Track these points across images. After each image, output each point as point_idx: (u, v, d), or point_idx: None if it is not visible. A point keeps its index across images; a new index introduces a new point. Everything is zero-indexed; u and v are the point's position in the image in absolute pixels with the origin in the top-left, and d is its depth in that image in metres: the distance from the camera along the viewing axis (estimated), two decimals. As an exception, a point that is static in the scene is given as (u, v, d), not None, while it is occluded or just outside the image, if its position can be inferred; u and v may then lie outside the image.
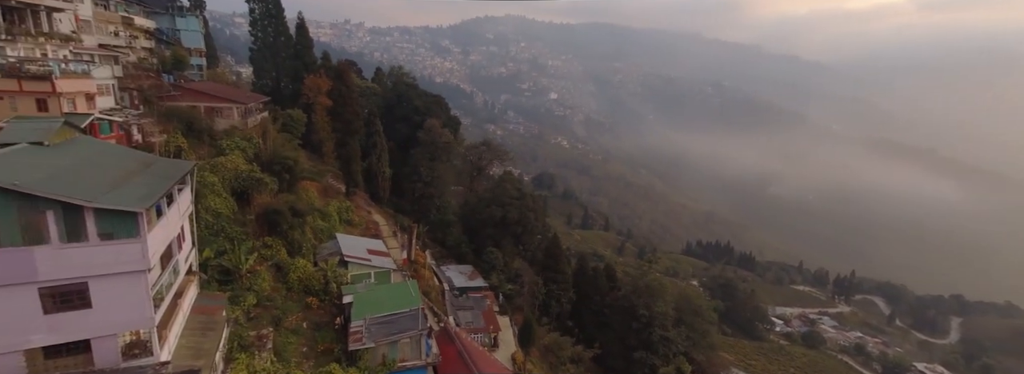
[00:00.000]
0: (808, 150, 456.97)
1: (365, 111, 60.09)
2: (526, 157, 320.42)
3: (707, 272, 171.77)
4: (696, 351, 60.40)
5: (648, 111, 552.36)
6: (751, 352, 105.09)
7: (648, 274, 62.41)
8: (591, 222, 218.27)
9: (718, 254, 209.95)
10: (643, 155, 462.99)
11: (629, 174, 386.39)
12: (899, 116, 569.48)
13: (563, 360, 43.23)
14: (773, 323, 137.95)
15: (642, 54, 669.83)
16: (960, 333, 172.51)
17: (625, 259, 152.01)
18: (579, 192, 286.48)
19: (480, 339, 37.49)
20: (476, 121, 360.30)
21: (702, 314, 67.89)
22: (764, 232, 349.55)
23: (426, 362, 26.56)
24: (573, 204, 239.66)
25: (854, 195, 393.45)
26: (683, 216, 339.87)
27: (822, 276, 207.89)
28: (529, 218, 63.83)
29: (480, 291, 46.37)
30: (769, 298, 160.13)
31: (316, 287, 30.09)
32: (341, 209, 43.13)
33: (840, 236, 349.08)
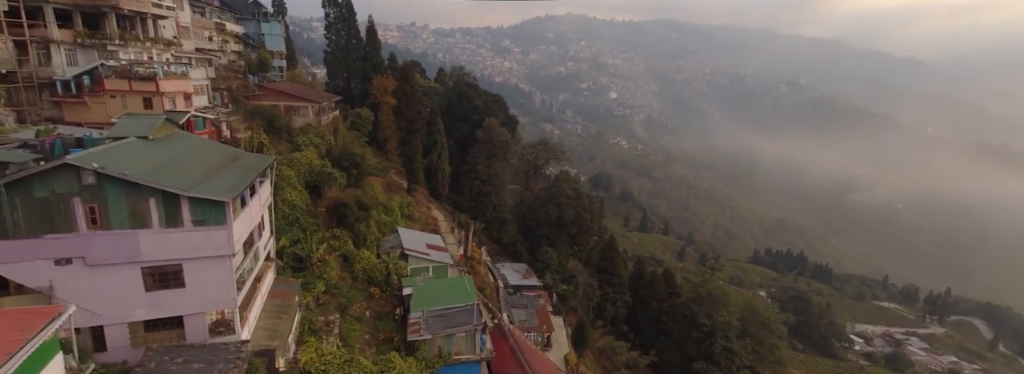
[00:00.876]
0: (897, 155, 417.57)
1: (427, 110, 61.93)
2: (583, 157, 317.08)
3: (777, 283, 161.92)
4: (762, 365, 56.87)
5: (714, 111, 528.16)
6: (825, 370, 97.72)
7: (711, 281, 59.59)
8: (650, 225, 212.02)
9: (790, 264, 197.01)
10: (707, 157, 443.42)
11: (692, 176, 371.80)
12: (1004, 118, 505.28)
13: (617, 365, 42.28)
14: (852, 341, 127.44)
15: (710, 51, 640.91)
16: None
17: (685, 265, 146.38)
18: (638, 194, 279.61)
19: (533, 338, 37.48)
20: (534, 120, 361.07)
21: (770, 327, 63.83)
22: (843, 242, 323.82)
23: (480, 357, 26.92)
24: (631, 206, 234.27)
25: (950, 205, 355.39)
26: (750, 222, 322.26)
27: (911, 293, 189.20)
28: (585, 218, 63.05)
29: (534, 290, 46.37)
30: (848, 314, 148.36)
31: (379, 278, 31.39)
32: (403, 204, 44.74)
33: (933, 250, 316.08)
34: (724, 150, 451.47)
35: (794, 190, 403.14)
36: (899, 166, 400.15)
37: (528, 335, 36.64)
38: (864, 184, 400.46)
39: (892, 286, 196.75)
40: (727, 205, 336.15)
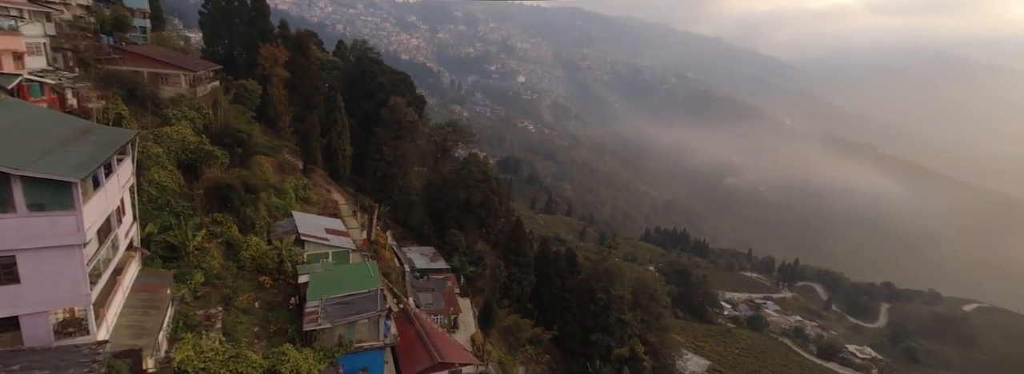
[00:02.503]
0: (764, 144, 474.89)
1: (326, 85, 57.72)
2: (492, 140, 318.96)
3: (664, 258, 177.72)
4: (650, 333, 62.63)
5: (615, 99, 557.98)
6: (701, 334, 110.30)
7: (608, 259, 63.87)
8: (555, 207, 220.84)
9: (675, 241, 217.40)
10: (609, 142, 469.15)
11: (594, 161, 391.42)
12: (848, 113, 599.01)
13: (522, 341, 43.93)
14: (722, 307, 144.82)
15: (612, 41, 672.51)
16: (888, 318, 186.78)
17: (586, 244, 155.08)
18: (544, 177, 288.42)
19: (440, 320, 37.47)
20: (442, 101, 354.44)
21: (657, 298, 70.31)
22: (719, 221, 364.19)
23: (384, 343, 26.28)
24: (538, 189, 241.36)
25: (803, 188, 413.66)
26: (644, 203, 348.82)
27: (769, 263, 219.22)
28: (493, 201, 63.73)
29: (441, 273, 46.20)
30: (720, 284, 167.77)
31: (269, 266, 29.05)
32: (298, 186, 41.61)
33: (788, 226, 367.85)
34: (624, 136, 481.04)
35: (682, 174, 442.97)
36: (765, 153, 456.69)
37: (435, 318, 36.52)
38: (738, 169, 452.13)
39: (755, 258, 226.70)
40: (625, 187, 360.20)
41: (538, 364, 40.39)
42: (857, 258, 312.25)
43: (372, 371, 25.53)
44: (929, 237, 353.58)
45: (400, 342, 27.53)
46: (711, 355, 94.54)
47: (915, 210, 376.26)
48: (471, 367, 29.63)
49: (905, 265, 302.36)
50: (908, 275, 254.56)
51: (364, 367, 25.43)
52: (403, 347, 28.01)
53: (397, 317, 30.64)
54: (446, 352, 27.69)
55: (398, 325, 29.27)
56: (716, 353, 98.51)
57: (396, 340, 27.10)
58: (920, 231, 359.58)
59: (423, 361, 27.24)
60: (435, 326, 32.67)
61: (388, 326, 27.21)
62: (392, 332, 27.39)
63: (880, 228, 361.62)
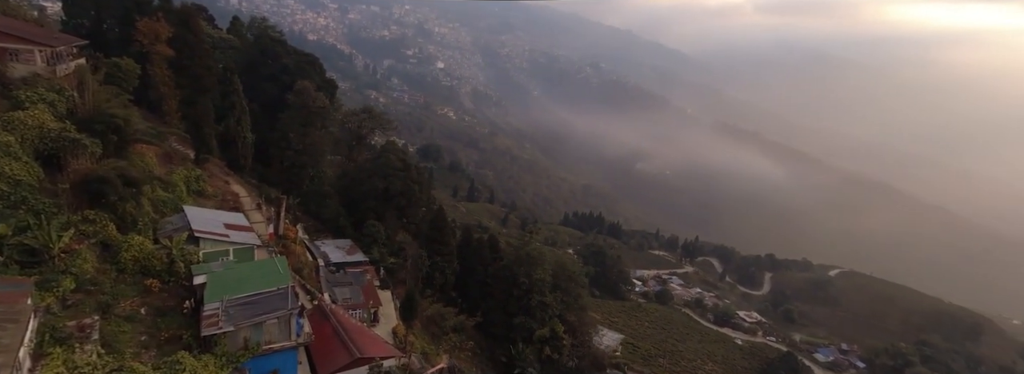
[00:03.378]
0: (668, 131, 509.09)
1: (220, 66, 52.28)
2: (411, 127, 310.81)
3: (582, 241, 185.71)
4: (569, 313, 65.42)
5: (534, 86, 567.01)
6: (615, 311, 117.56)
7: (529, 244, 65.32)
8: (477, 194, 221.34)
9: (591, 224, 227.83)
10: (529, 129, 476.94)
11: (515, 148, 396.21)
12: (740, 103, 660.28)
13: (446, 330, 43.84)
14: (634, 284, 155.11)
15: (528, 29, 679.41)
16: (771, 285, 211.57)
17: (509, 230, 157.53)
18: (466, 164, 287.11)
19: (359, 315, 36.18)
20: (356, 86, 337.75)
21: (575, 279, 73.38)
22: (631, 203, 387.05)
23: (297, 342, 24.81)
24: (460, 176, 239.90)
25: (702, 171, 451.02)
26: (563, 189, 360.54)
27: (674, 242, 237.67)
28: (414, 190, 62.31)
29: (360, 266, 44.48)
30: (632, 262, 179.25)
31: (157, 267, 26.01)
32: (189, 178, 37.54)
33: (690, 207, 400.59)
34: (543, 123, 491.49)
35: (597, 160, 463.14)
36: (670, 140, 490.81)
37: (353, 313, 35.17)
38: (646, 155, 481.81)
39: (662, 237, 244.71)
40: (545, 174, 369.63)
41: (462, 351, 40.64)
42: (746, 233, 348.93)
43: (284, 373, 24.06)
44: (803, 213, 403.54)
45: (315, 340, 26.17)
46: (624, 329, 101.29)
47: (792, 189, 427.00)
48: (393, 360, 29.01)
49: (784, 238, 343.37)
50: (786, 247, 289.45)
51: (274, 369, 23.88)
52: (319, 345, 26.68)
53: (311, 314, 29.06)
54: (365, 346, 26.83)
55: (313, 322, 27.78)
56: (628, 327, 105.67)
57: (310, 339, 25.71)
58: (796, 208, 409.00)
59: (341, 358, 26.18)
60: (353, 321, 31.46)
61: (301, 324, 25.71)
62: (306, 331, 25.93)
63: (764, 206, 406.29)
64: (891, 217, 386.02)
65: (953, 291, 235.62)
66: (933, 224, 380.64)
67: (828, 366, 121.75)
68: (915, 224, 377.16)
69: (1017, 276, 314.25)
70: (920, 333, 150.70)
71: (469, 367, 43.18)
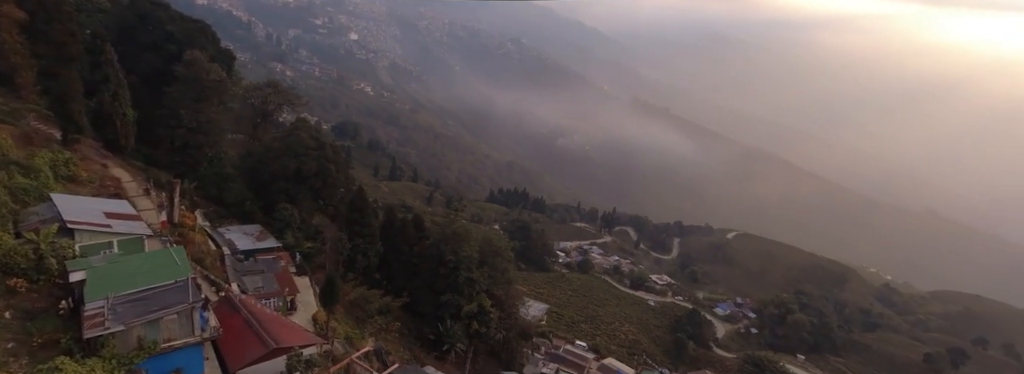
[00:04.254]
0: (588, 108, 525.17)
1: (87, 32, 45.06)
2: (325, 103, 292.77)
3: (507, 216, 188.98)
4: (496, 287, 66.76)
5: (456, 61, 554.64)
6: (540, 282, 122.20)
7: (455, 222, 65.08)
8: (400, 173, 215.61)
9: (516, 200, 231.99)
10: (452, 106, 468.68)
11: (438, 125, 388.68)
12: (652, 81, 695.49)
13: (371, 313, 42.88)
14: (557, 256, 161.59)
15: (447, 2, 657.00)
16: (678, 250, 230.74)
17: (434, 209, 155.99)
18: (387, 142, 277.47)
19: (274, 304, 34.20)
20: (258, 58, 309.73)
21: (502, 254, 74.67)
22: (554, 179, 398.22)
23: (202, 338, 22.96)
24: (380, 155, 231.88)
25: (619, 146, 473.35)
26: (487, 166, 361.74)
27: (593, 213, 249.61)
28: (330, 170, 59.09)
29: (272, 252, 41.78)
30: (555, 235, 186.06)
31: (22, 265, 22.57)
32: (56, 162, 32.50)
33: (608, 180, 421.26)
34: (466, 100, 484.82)
35: (520, 136, 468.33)
36: (589, 117, 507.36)
37: (267, 302, 33.15)
38: (567, 131, 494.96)
39: (583, 210, 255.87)
40: (469, 151, 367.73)
41: (388, 332, 40.11)
42: (658, 203, 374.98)
43: (188, 372, 22.27)
44: (706, 182, 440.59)
45: (224, 334, 24.37)
46: (549, 299, 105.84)
47: (697, 162, 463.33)
48: (314, 347, 27.91)
49: (691, 206, 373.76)
50: (692, 214, 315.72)
51: (177, 368, 22.00)
52: (229, 338, 24.90)
53: (217, 307, 26.97)
54: (282, 336, 25.48)
55: (220, 315, 25.81)
56: (553, 297, 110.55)
57: (218, 333, 23.90)
58: (701, 178, 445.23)
59: (255, 350, 24.68)
60: (267, 310, 29.65)
61: (205, 318, 23.79)
62: (212, 324, 24.05)
63: (673, 177, 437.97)
64: (777, 184, 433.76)
65: (824, 246, 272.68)
66: (810, 189, 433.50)
67: (726, 318, 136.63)
68: (795, 190, 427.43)
69: (873, 232, 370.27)
70: (799, 284, 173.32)
71: (397, 348, 42.86)
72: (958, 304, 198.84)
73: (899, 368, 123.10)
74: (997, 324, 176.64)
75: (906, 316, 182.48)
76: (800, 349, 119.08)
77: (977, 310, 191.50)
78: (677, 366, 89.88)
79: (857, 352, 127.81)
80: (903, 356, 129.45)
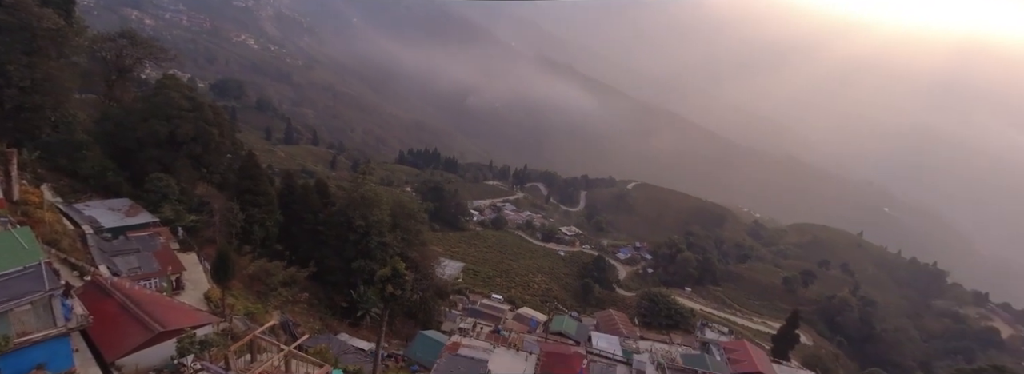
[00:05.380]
0: (496, 65, 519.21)
1: None
2: (198, 58, 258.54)
3: (418, 177, 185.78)
4: (411, 250, 66.27)
5: (352, 13, 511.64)
6: (456, 241, 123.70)
7: (363, 186, 62.40)
8: (297, 136, 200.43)
9: (427, 160, 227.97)
10: (352, 63, 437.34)
11: (338, 83, 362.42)
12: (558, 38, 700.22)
13: (274, 285, 40.57)
14: (471, 215, 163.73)
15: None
16: (585, 202, 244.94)
17: (339, 173, 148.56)
18: (279, 102, 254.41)
19: (156, 284, 30.98)
20: (107, 3, 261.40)
21: (415, 216, 73.80)
22: (465, 138, 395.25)
23: (67, 328, 20.27)
24: (273, 116, 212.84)
25: (528, 103, 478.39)
26: (395, 126, 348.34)
27: (505, 171, 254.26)
28: (211, 134, 52.88)
29: (147, 229, 37.27)
30: (469, 194, 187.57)
31: None
32: None
33: (518, 137, 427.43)
34: (368, 56, 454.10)
35: (429, 95, 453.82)
36: (498, 74, 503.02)
37: (146, 283, 29.91)
38: (476, 89, 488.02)
39: (495, 168, 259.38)
40: (374, 111, 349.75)
41: (296, 304, 38.46)
42: (566, 158, 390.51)
43: (53, 366, 19.72)
44: (608, 137, 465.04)
45: (95, 321, 21.72)
46: (465, 257, 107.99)
47: (599, 117, 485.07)
48: (210, 327, 25.99)
49: (595, 160, 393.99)
50: (597, 167, 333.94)
51: (39, 364, 19.38)
52: (102, 326, 22.27)
53: (84, 293, 23.82)
54: (168, 318, 23.32)
55: (88, 302, 22.84)
56: (469, 255, 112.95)
57: (87, 321, 21.22)
58: (603, 133, 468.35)
59: (136, 335, 22.41)
60: (148, 292, 26.82)
61: (69, 306, 20.94)
62: (78, 312, 21.24)
63: (578, 133, 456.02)
64: (671, 136, 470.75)
65: (708, 191, 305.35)
66: (697, 140, 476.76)
67: (627, 262, 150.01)
68: (686, 141, 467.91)
69: (747, 176, 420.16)
70: (687, 226, 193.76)
71: (306, 319, 41.45)
72: (809, 234, 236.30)
73: (764, 291, 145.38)
74: (837, 248, 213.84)
75: (770, 247, 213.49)
76: (687, 283, 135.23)
77: (823, 238, 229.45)
78: (585, 308, 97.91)
79: (732, 281, 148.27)
80: (767, 281, 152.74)
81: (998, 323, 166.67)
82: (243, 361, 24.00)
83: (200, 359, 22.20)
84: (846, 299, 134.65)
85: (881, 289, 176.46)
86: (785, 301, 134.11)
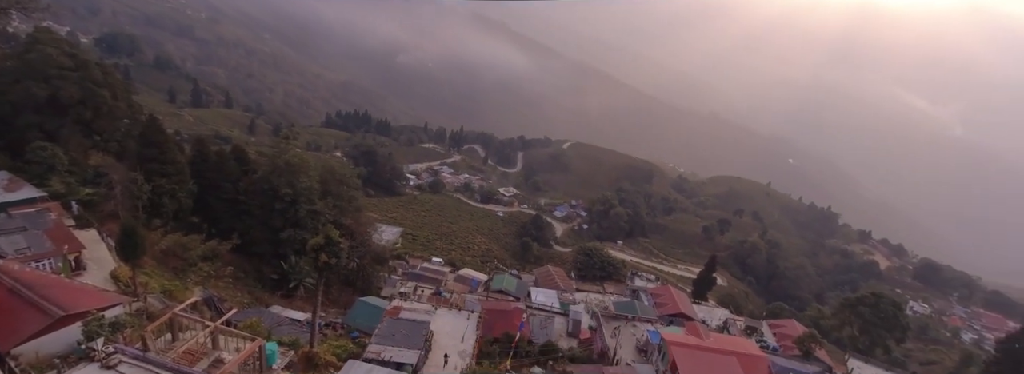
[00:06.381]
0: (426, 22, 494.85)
1: None
2: (79, 9, 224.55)
3: (349, 142, 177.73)
4: (344, 216, 64.12)
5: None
6: (392, 206, 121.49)
7: (287, 151, 58.62)
8: (207, 98, 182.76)
9: (358, 123, 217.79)
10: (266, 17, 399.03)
11: (251, 39, 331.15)
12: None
13: (193, 260, 37.90)
14: (408, 179, 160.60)
15: None
16: (522, 162, 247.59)
17: (259, 138, 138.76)
18: (181, 60, 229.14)
19: (51, 265, 27.94)
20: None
21: (347, 182, 71.05)
22: (397, 99, 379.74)
23: (-59, 321, 17.94)
24: (175, 76, 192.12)
25: (464, 63, 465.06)
26: (320, 87, 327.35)
27: (441, 133, 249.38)
28: (101, 96, 46.95)
29: (33, 204, 33.06)
30: (404, 157, 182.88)
31: None
32: None
33: (453, 98, 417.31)
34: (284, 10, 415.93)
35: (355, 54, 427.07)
36: (428, 32, 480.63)
37: (39, 265, 26.89)
38: (407, 47, 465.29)
39: (430, 130, 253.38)
40: (296, 71, 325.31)
41: (219, 279, 36.30)
42: (502, 119, 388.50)
43: (-71, 363, 17.57)
44: (543, 97, 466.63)
45: (-22, 311, 19.39)
46: (403, 222, 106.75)
47: (533, 77, 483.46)
48: (120, 307, 24.04)
49: (531, 120, 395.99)
50: (533, 127, 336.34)
51: (-89, 363, 17.17)
52: (-12, 316, 19.93)
53: (-42, 281, 20.97)
54: (69, 301, 21.20)
55: (-35, 291, 20.23)
56: (407, 219, 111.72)
57: (-33, 311, 18.89)
58: (537, 92, 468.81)
59: (32, 321, 20.26)
60: (42, 274, 24.12)
61: (-61, 298, 18.45)
62: (-47, 303, 18.81)
63: (514, 93, 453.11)
64: (602, 96, 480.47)
65: (637, 148, 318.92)
66: (627, 99, 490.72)
67: (563, 219, 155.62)
68: (619, 101, 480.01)
69: (673, 132, 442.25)
70: (618, 183, 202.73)
71: (234, 294, 39.46)
72: (725, 186, 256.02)
73: (687, 240, 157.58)
74: (749, 197, 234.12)
75: (692, 199, 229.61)
76: (619, 236, 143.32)
77: (737, 188, 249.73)
78: (524, 266, 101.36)
79: (659, 232, 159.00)
80: (689, 230, 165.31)
81: (878, 256, 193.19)
82: (163, 341, 22.66)
83: (112, 342, 20.65)
84: (755, 243, 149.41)
85: (785, 232, 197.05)
86: (704, 248, 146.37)
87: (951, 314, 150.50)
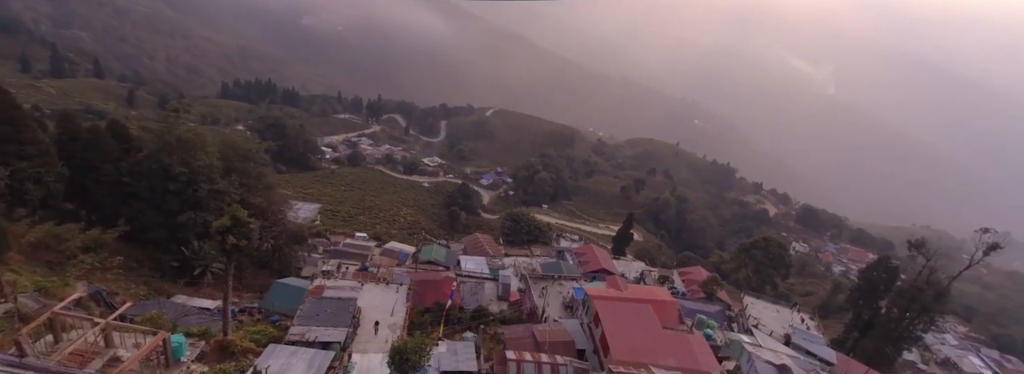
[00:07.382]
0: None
1: None
2: None
3: (252, 114, 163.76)
4: (252, 195, 59.55)
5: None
6: (308, 182, 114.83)
7: (178, 126, 52.39)
8: (71, 67, 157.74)
9: (261, 93, 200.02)
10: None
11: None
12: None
13: (71, 252, 33.52)
14: (323, 152, 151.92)
15: None
16: (446, 131, 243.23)
17: (141, 112, 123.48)
18: (32, 22, 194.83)
19: None
20: None
21: (253, 158, 65.75)
22: (305, 66, 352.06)
23: None
24: (28, 41, 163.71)
25: (378, 27, 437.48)
26: (212, 53, 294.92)
27: (358, 103, 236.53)
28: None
29: None
30: (317, 130, 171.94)
31: None
32: None
33: (369, 66, 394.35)
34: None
35: (251, 15, 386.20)
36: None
37: None
38: (311, 8, 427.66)
39: (345, 100, 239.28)
40: (180, 35, 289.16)
41: (107, 271, 32.52)
42: (422, 87, 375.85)
43: None
44: (463, 63, 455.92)
45: None
46: (321, 198, 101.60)
47: (453, 43, 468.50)
48: (-20, 312, 20.86)
49: (453, 87, 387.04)
50: (455, 95, 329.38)
51: None
52: None
53: None
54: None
55: None
56: (325, 195, 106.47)
57: None
58: (457, 59, 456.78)
59: None
60: None
61: None
62: None
63: (434, 60, 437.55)
64: (525, 62, 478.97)
65: (559, 114, 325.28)
66: (550, 66, 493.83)
67: (490, 187, 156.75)
68: (539, 67, 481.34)
69: (594, 98, 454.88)
70: (542, 148, 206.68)
71: (126, 286, 35.72)
72: (640, 147, 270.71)
73: (607, 200, 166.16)
74: (661, 157, 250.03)
75: (611, 161, 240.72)
76: (544, 200, 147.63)
77: (651, 149, 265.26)
78: (453, 235, 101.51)
79: (581, 194, 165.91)
80: (609, 191, 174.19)
81: (768, 205, 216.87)
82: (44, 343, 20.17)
83: (-26, 352, 17.97)
84: (667, 199, 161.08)
85: (692, 188, 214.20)
86: (622, 206, 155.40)
87: (825, 251, 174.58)
